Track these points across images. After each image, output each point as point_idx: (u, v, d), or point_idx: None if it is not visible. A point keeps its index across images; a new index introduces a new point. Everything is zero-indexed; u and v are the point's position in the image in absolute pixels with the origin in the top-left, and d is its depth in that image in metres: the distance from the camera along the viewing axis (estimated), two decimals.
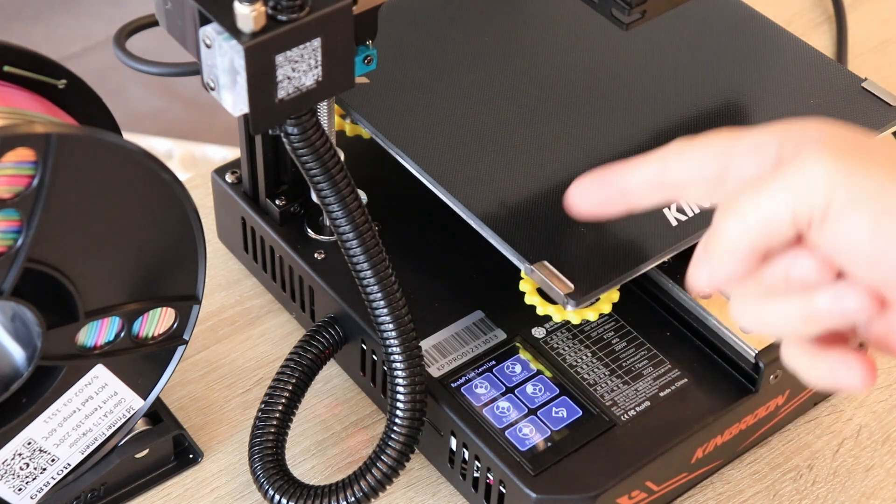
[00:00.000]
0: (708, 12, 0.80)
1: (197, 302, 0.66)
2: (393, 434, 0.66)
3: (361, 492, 0.66)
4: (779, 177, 0.46)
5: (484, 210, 0.67)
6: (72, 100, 0.65)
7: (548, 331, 0.71)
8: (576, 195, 0.53)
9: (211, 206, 0.82)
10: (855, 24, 0.99)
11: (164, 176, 0.60)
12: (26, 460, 0.65)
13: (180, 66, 0.65)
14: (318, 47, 0.56)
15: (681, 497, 0.71)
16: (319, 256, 0.74)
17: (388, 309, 0.64)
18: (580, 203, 0.53)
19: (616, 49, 0.77)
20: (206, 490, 0.71)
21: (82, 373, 0.64)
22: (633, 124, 0.73)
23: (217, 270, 0.82)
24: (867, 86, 0.75)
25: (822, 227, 0.45)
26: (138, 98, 2.00)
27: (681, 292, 0.70)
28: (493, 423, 0.66)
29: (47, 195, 0.56)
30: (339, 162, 0.61)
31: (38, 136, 0.55)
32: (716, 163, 0.50)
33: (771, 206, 0.46)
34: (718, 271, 0.49)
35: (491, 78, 0.75)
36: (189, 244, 0.64)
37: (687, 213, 0.68)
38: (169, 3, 0.58)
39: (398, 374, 0.65)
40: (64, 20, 2.13)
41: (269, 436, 0.68)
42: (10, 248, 0.57)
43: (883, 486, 0.72)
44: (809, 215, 0.45)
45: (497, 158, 0.70)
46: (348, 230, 0.62)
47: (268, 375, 0.76)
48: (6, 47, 0.63)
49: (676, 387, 0.68)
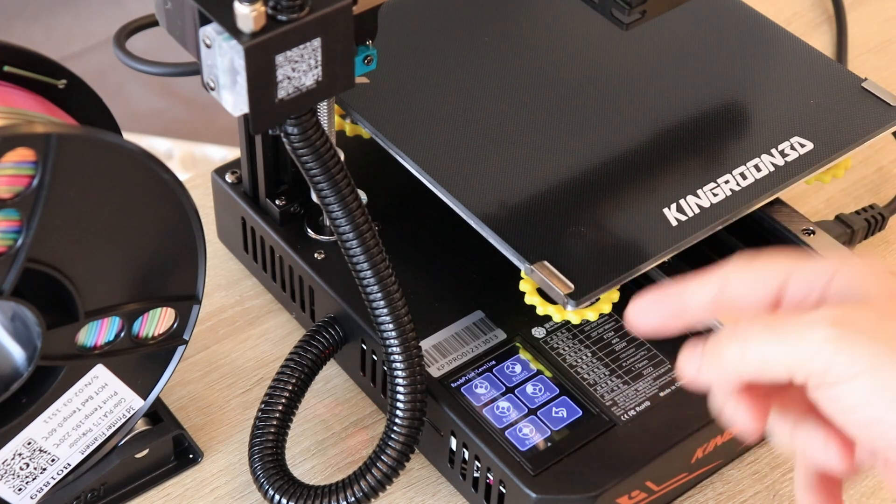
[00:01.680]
0: (708, 12, 0.80)
1: (197, 302, 0.66)
2: (393, 434, 0.66)
3: (361, 492, 0.66)
4: (790, 329, 0.48)
5: (484, 210, 0.67)
6: (72, 100, 0.65)
7: (548, 331, 0.71)
8: (636, 314, 0.54)
9: (211, 206, 0.82)
10: (855, 24, 0.99)
11: (164, 176, 0.60)
12: (26, 460, 0.65)
13: (180, 66, 0.65)
14: (318, 47, 0.56)
15: (681, 497, 0.71)
16: (319, 256, 0.74)
17: (388, 309, 0.64)
18: (640, 322, 0.54)
19: (616, 49, 0.77)
20: (206, 490, 0.71)
21: (82, 373, 0.64)
22: (633, 124, 0.73)
23: (217, 270, 0.82)
24: (867, 86, 0.75)
25: (819, 388, 0.47)
26: (138, 98, 2.00)
27: None
28: (493, 423, 0.66)
29: (47, 195, 0.56)
30: (339, 162, 0.61)
31: (38, 136, 0.55)
32: (775, 286, 0.51)
33: (773, 354, 0.48)
34: (705, 375, 0.51)
35: (491, 78, 0.75)
36: (189, 244, 0.64)
37: (687, 213, 0.68)
38: (169, 3, 0.58)
39: (398, 374, 0.65)
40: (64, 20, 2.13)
41: (269, 436, 0.69)
42: (10, 248, 0.57)
43: (883, 486, 0.72)
44: (807, 376, 0.47)
45: (497, 158, 0.70)
46: (348, 230, 0.62)
47: (268, 375, 0.76)
48: (6, 47, 0.63)
49: (676, 387, 0.68)
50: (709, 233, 0.68)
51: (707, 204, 0.69)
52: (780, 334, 0.48)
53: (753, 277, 0.51)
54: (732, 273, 0.52)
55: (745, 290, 0.51)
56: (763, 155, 0.71)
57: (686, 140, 0.72)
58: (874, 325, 0.47)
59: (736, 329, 0.49)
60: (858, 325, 0.47)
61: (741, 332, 0.49)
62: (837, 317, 0.47)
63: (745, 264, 0.52)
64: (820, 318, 0.47)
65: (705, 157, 0.71)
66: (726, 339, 0.50)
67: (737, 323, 0.50)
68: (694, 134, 0.73)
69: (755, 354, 0.48)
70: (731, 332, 0.49)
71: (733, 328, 0.49)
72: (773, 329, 0.48)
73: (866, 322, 0.47)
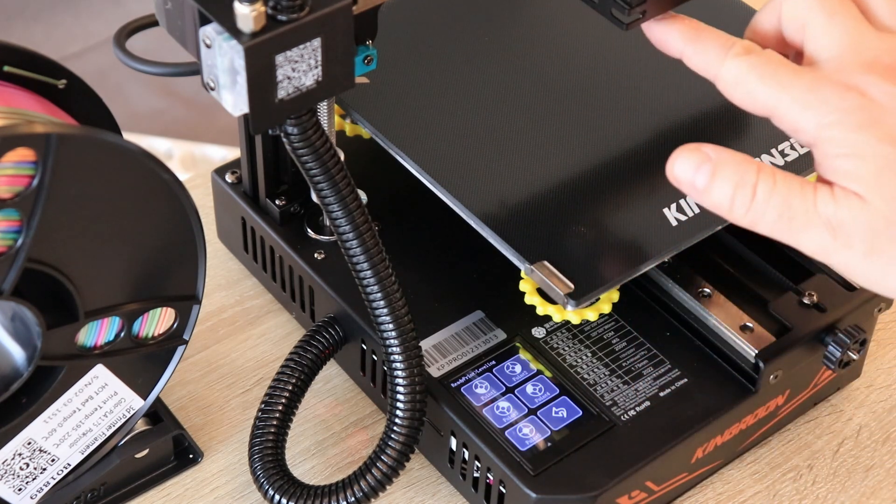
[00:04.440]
0: (708, 12, 0.80)
1: (197, 302, 0.66)
2: (393, 434, 0.66)
3: (361, 492, 0.66)
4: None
5: (484, 210, 0.67)
6: (72, 100, 0.65)
7: (548, 331, 0.71)
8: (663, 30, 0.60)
9: (211, 206, 0.82)
10: None
11: (164, 176, 0.60)
12: (26, 460, 0.65)
13: (180, 66, 0.65)
14: (318, 47, 0.56)
15: (681, 497, 0.71)
16: (319, 256, 0.74)
17: (388, 309, 0.64)
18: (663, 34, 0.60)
19: (616, 49, 0.77)
20: (206, 490, 0.71)
21: (82, 373, 0.64)
22: (633, 124, 0.73)
23: (217, 270, 0.82)
24: None
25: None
26: (138, 98, 2.00)
27: (681, 292, 0.70)
28: (493, 423, 0.66)
29: (47, 195, 0.56)
30: (339, 162, 0.61)
31: (38, 136, 0.55)
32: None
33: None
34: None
35: (491, 78, 0.75)
36: (189, 244, 0.64)
37: (687, 213, 0.68)
38: (169, 3, 0.58)
39: (398, 374, 0.65)
40: (64, 20, 2.13)
41: (269, 436, 0.69)
42: (10, 248, 0.57)
43: (883, 486, 0.72)
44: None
45: (497, 158, 0.70)
46: (348, 230, 0.62)
47: (268, 375, 0.76)
48: (6, 47, 0.63)
49: (676, 387, 0.68)
50: (709, 233, 0.68)
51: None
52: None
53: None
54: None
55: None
56: (763, 155, 0.71)
57: (687, 140, 0.72)
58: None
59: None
60: None
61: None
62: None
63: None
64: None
65: None
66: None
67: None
68: (694, 134, 0.72)
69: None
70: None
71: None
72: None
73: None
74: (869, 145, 0.52)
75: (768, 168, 0.54)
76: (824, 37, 0.55)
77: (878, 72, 0.53)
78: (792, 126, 0.54)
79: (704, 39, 0.57)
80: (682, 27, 0.59)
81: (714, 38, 0.57)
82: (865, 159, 0.52)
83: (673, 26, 0.59)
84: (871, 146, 0.52)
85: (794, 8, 0.57)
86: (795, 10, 0.56)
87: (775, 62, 0.55)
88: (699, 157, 0.55)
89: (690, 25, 0.59)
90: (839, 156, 0.53)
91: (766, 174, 0.54)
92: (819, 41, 0.55)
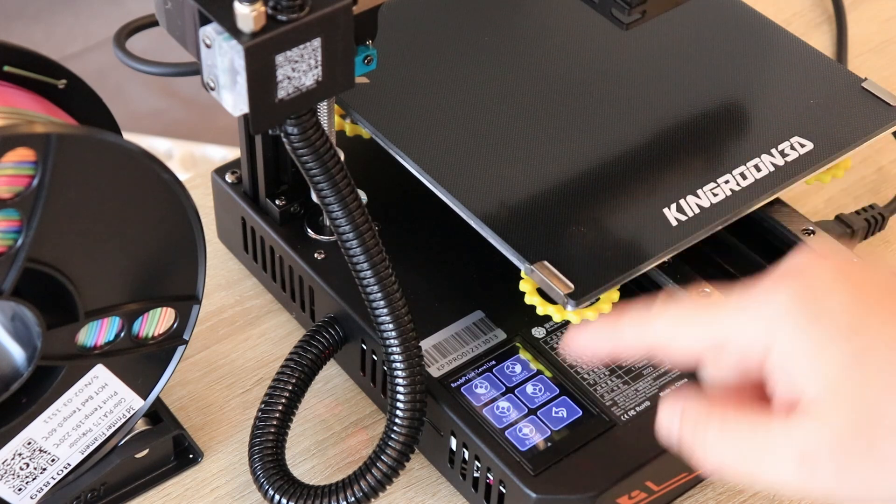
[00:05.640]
0: (708, 12, 0.80)
1: (197, 302, 0.66)
2: (393, 434, 0.66)
3: (361, 492, 0.66)
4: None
5: (484, 210, 0.68)
6: (72, 100, 0.65)
7: (548, 331, 0.71)
8: (575, 344, 0.55)
9: (211, 206, 0.82)
10: (855, 24, 0.99)
11: (164, 176, 0.60)
12: (26, 460, 0.65)
13: (180, 66, 0.65)
14: (318, 47, 0.56)
15: (681, 497, 0.71)
16: (319, 256, 0.74)
17: (388, 309, 0.64)
18: (578, 350, 0.55)
19: (616, 49, 0.77)
20: (206, 490, 0.71)
21: (82, 373, 0.64)
22: (633, 124, 0.73)
23: (217, 270, 0.82)
24: (867, 86, 0.75)
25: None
26: (138, 98, 2.00)
27: (681, 292, 0.70)
28: (493, 423, 0.66)
29: (47, 195, 0.56)
30: (339, 162, 0.61)
31: (38, 136, 0.55)
32: (707, 347, 0.53)
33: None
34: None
35: (491, 78, 0.75)
36: (189, 244, 0.64)
37: (687, 213, 0.68)
38: (169, 3, 0.58)
39: (398, 374, 0.65)
40: (64, 20, 2.13)
41: (269, 436, 0.69)
42: (10, 248, 0.57)
43: None
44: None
45: (497, 158, 0.70)
46: (348, 230, 0.62)
47: (268, 375, 0.76)
48: (6, 47, 0.63)
49: (676, 387, 0.68)
50: (709, 233, 0.68)
51: (707, 204, 0.69)
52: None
53: (683, 338, 0.52)
54: (660, 327, 0.52)
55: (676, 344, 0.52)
56: (763, 155, 0.71)
57: (686, 140, 0.72)
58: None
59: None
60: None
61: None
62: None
63: (673, 322, 0.52)
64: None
65: (705, 156, 0.71)
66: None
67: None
68: (694, 134, 0.73)
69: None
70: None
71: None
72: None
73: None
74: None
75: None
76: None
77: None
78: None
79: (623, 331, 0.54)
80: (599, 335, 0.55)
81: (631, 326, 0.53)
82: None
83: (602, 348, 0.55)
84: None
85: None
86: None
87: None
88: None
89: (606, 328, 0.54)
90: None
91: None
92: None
